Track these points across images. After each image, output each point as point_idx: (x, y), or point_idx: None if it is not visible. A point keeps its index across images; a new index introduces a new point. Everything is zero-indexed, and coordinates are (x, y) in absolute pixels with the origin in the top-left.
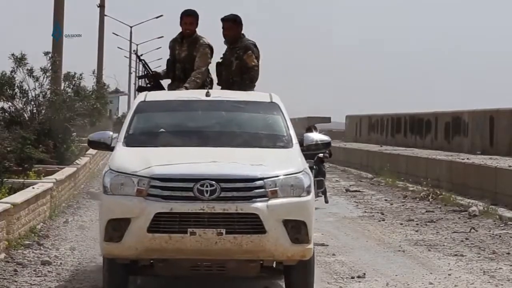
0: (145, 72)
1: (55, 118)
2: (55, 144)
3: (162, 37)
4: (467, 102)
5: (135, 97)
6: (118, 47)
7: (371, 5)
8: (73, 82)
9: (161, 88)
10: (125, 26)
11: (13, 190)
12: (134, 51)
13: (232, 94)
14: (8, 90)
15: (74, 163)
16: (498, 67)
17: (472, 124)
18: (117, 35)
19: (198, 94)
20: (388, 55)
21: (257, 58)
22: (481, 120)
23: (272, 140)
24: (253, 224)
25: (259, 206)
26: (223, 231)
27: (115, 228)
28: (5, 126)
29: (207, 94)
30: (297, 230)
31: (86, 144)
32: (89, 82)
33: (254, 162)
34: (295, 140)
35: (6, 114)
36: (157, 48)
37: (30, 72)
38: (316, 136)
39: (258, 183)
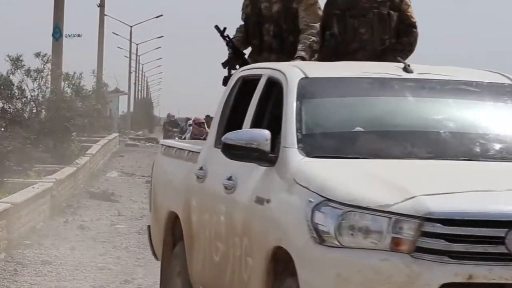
0: (230, 54)
1: (55, 117)
2: (55, 144)
3: (162, 37)
4: None
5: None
6: (118, 47)
7: None
8: (73, 81)
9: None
10: (125, 25)
11: (13, 190)
12: (215, 25)
13: (444, 71)
14: (6, 90)
15: (74, 162)
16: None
17: None
18: (117, 34)
19: (389, 68)
20: None
21: None
22: None
23: None
24: None
25: None
26: None
27: None
28: (9, 125)
29: (407, 69)
30: None
31: (86, 144)
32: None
33: None
34: None
35: (7, 114)
36: (157, 48)
37: (28, 72)
38: None
39: None
